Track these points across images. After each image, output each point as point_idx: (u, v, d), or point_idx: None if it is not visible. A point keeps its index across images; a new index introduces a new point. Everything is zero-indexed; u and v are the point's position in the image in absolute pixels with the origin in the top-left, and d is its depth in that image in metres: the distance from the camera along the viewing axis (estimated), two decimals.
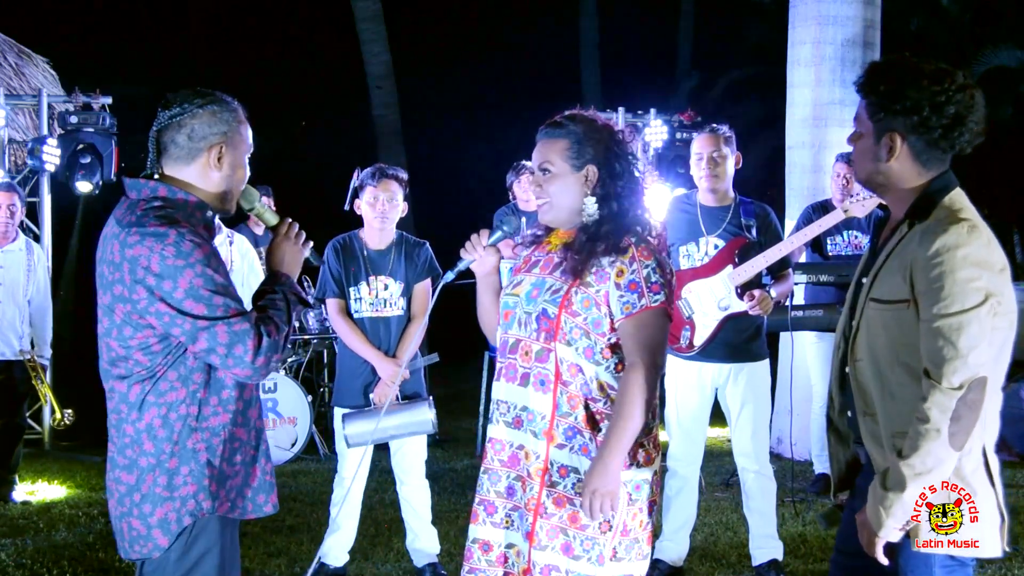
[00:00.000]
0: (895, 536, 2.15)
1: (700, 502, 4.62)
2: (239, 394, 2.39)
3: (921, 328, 2.13)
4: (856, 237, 5.88)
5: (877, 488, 2.16)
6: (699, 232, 4.35)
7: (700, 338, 4.29)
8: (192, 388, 2.32)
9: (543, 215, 2.67)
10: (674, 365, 4.40)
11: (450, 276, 2.70)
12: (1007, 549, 2.20)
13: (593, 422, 2.53)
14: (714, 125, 4.42)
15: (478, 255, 2.69)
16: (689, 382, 4.37)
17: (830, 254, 5.90)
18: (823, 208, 5.89)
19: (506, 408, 2.59)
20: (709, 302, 4.28)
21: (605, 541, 2.50)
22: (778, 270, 4.39)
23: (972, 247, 2.10)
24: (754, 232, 4.34)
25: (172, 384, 2.31)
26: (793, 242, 4.45)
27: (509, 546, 2.58)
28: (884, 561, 2.18)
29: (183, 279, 2.22)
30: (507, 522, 2.58)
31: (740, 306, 4.23)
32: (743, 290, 4.24)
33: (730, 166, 4.36)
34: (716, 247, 4.32)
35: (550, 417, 2.52)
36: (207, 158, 2.39)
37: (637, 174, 2.64)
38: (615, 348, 2.55)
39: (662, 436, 2.77)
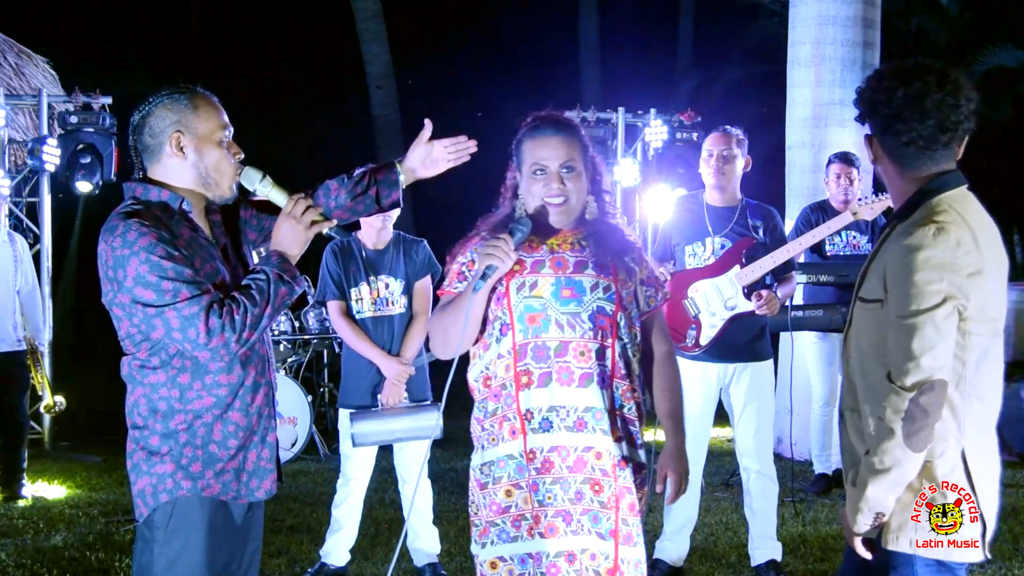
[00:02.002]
0: (864, 530, 2.20)
1: (700, 502, 4.61)
2: (228, 379, 2.41)
3: (888, 328, 2.15)
4: (855, 237, 5.88)
5: (848, 485, 2.21)
6: (705, 232, 4.35)
7: (706, 337, 4.29)
8: (172, 373, 2.37)
9: (560, 214, 2.64)
10: (679, 365, 4.39)
11: (482, 285, 2.52)
12: (988, 556, 2.20)
13: (640, 411, 2.63)
14: (727, 126, 4.41)
15: (510, 260, 2.54)
16: (695, 382, 4.36)
17: (829, 254, 5.90)
18: (821, 208, 5.90)
19: (566, 413, 2.54)
20: (716, 302, 4.27)
21: (640, 523, 2.60)
22: (782, 272, 4.39)
23: (935, 249, 2.09)
24: (761, 233, 4.34)
25: (154, 368, 2.38)
26: (802, 243, 4.43)
27: (582, 551, 2.56)
28: (866, 555, 2.23)
29: (130, 267, 2.28)
30: (577, 527, 2.56)
31: (747, 306, 4.23)
32: (749, 290, 4.24)
33: (739, 167, 4.36)
34: (723, 247, 4.32)
35: (609, 412, 2.56)
36: (169, 150, 2.43)
37: (603, 172, 2.79)
38: (639, 339, 2.66)
39: (662, 436, 2.77)
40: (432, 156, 2.82)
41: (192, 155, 2.43)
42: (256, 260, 2.62)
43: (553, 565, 2.53)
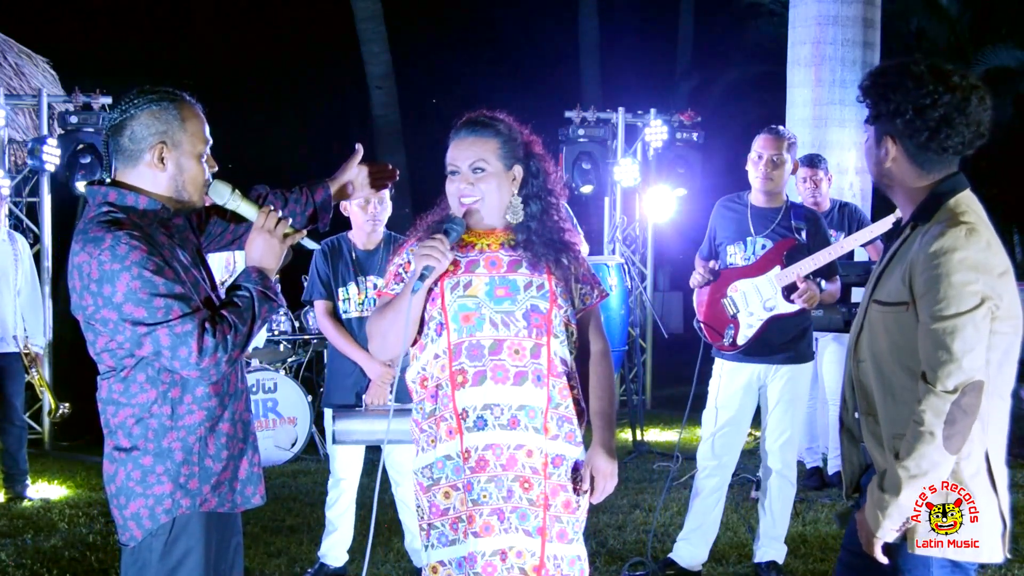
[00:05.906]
0: (891, 537, 2.16)
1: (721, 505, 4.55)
2: (216, 390, 2.38)
3: (919, 331, 2.13)
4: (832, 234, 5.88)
5: (875, 489, 2.16)
6: (747, 232, 4.32)
7: (743, 337, 4.27)
8: (162, 388, 2.31)
9: (471, 215, 2.63)
10: (720, 366, 4.38)
11: (420, 286, 2.52)
12: (1008, 555, 2.19)
13: (578, 408, 2.65)
14: (779, 128, 4.37)
15: (447, 260, 2.54)
16: (737, 382, 4.33)
17: None
18: None
19: (500, 411, 2.56)
20: (755, 302, 4.25)
21: (578, 520, 2.64)
22: (826, 275, 4.31)
23: (970, 250, 2.09)
24: (803, 235, 4.28)
25: (142, 386, 2.31)
26: (844, 246, 4.36)
27: (510, 548, 2.58)
28: (883, 560, 2.19)
29: (120, 283, 2.20)
30: (507, 524, 2.58)
31: (786, 307, 4.19)
32: (789, 292, 4.20)
33: (787, 171, 4.32)
34: (764, 247, 4.29)
35: (544, 410, 2.57)
36: (149, 159, 2.36)
37: (551, 172, 2.73)
38: (576, 337, 2.69)
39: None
40: (359, 180, 2.87)
41: (172, 168, 2.37)
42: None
43: (489, 564, 2.54)
